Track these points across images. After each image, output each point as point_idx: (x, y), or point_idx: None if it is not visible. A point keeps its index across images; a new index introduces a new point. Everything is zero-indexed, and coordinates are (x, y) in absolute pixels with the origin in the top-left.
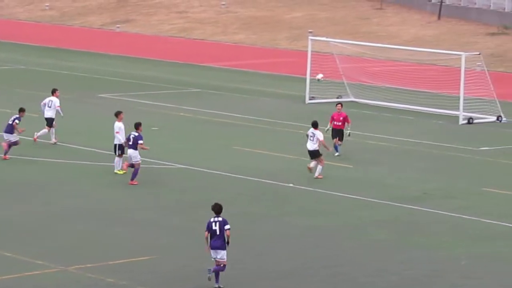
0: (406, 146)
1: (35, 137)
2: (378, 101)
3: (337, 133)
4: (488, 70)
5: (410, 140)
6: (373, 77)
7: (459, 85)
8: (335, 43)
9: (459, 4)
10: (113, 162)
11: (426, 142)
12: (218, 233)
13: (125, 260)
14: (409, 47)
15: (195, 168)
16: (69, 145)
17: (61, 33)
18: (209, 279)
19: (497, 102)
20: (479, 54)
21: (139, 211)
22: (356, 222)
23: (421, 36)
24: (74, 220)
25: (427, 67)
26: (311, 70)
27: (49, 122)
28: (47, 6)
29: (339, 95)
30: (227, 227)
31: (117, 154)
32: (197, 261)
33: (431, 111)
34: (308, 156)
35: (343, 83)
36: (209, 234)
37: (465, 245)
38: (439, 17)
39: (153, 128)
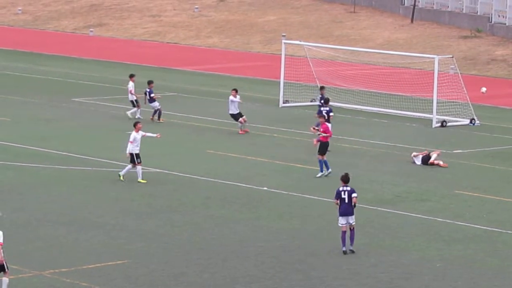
0: (380, 149)
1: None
2: (352, 104)
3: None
4: (461, 73)
5: (384, 143)
6: (346, 81)
7: (433, 88)
8: (309, 47)
9: (432, 8)
10: (124, 170)
11: (400, 145)
12: (347, 201)
13: (98, 265)
14: (382, 51)
15: (169, 172)
16: (41, 149)
17: (34, 37)
18: (345, 252)
19: (470, 105)
20: (452, 57)
21: (111, 215)
22: (329, 226)
23: (394, 40)
24: (47, 225)
25: (401, 70)
26: (284, 73)
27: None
28: (19, 10)
29: (313, 99)
30: (354, 195)
31: (136, 162)
32: (169, 265)
33: (405, 114)
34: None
35: (317, 86)
36: (338, 201)
37: (438, 247)
38: (412, 21)
39: (128, 133)
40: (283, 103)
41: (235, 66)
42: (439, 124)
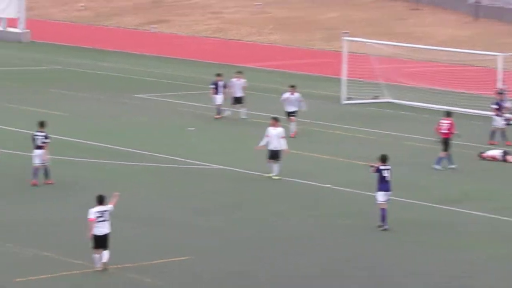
0: None
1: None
2: (414, 101)
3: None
4: None
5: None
6: (409, 78)
7: (496, 86)
8: (371, 44)
9: (496, 5)
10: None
11: (464, 143)
12: (388, 179)
13: (162, 261)
14: (445, 48)
15: (232, 169)
16: (105, 145)
17: (96, 34)
18: (385, 229)
19: None
20: None
21: (174, 212)
22: (392, 223)
23: (457, 37)
24: (112, 221)
25: (464, 67)
26: (347, 70)
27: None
28: (82, 6)
29: (375, 96)
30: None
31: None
32: (233, 262)
33: (469, 112)
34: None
35: (379, 84)
36: (378, 178)
37: (505, 246)
38: (475, 18)
39: (189, 129)
40: (346, 100)
41: (297, 63)
42: (505, 122)
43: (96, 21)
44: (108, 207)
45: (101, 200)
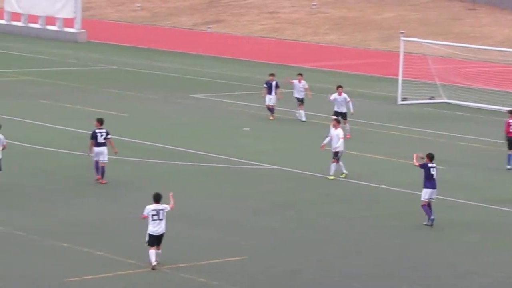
0: (499, 148)
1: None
2: (471, 102)
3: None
4: None
5: (504, 142)
6: (466, 78)
7: None
8: (428, 44)
9: None
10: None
11: None
12: (435, 176)
13: (215, 261)
14: (502, 48)
15: (285, 169)
16: (158, 144)
17: (152, 34)
18: (433, 221)
19: None
20: None
21: (227, 212)
22: (445, 224)
23: None
24: (166, 221)
25: None
26: (402, 70)
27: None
28: (138, 6)
29: (432, 96)
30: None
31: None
32: (286, 262)
33: None
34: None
35: (436, 84)
36: (424, 175)
37: None
38: None
39: (245, 129)
40: (401, 100)
41: (353, 63)
42: None
43: (152, 21)
44: (164, 206)
45: (157, 198)
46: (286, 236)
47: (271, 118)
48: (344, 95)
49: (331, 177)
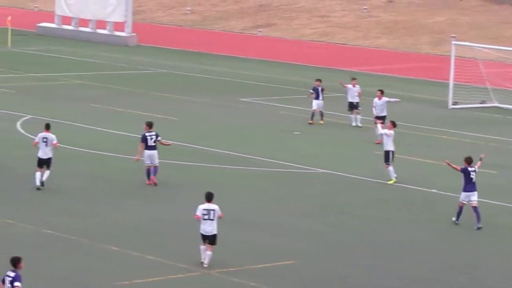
0: None
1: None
2: None
3: None
4: None
5: None
6: None
7: None
8: (479, 48)
9: None
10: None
11: None
12: (474, 180)
13: (266, 265)
14: None
15: (335, 173)
16: (208, 148)
17: (202, 37)
18: (457, 224)
19: None
20: None
21: (277, 215)
22: (496, 228)
23: None
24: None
25: None
26: (454, 75)
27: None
28: (188, 10)
29: (483, 100)
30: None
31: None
32: (335, 266)
33: None
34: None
35: (487, 88)
36: (464, 179)
37: None
38: None
39: (295, 133)
40: (452, 104)
41: (403, 67)
42: None
43: (202, 25)
44: (216, 207)
45: (209, 197)
46: (336, 240)
47: (321, 122)
48: (384, 99)
49: (391, 181)
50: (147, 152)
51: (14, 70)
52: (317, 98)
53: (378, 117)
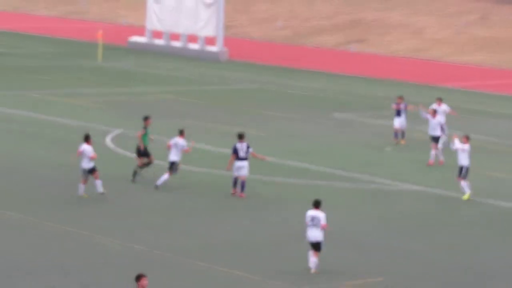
0: None
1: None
2: None
3: None
4: None
5: None
6: None
7: None
8: None
9: None
10: None
11: None
12: None
13: (355, 282)
14: None
15: (428, 190)
16: (300, 164)
17: (294, 53)
18: None
19: None
20: None
21: (370, 233)
22: None
23: None
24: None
25: None
26: None
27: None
28: (280, 25)
29: None
30: None
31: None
32: (428, 287)
33: None
34: None
35: None
36: None
37: None
38: None
39: (386, 149)
40: None
41: (497, 83)
42: None
43: (294, 40)
44: (321, 215)
45: (316, 204)
46: (430, 260)
47: (401, 142)
48: (438, 118)
49: (465, 197)
50: (237, 163)
51: (104, 84)
52: (398, 115)
53: (432, 137)
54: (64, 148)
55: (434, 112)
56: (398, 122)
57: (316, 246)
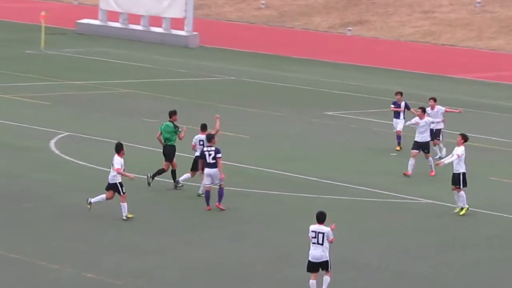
0: None
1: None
2: None
3: None
4: None
5: None
6: None
7: None
8: None
9: None
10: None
11: None
12: None
13: None
14: None
15: (442, 203)
16: (286, 173)
17: (279, 37)
18: None
19: None
20: None
21: (374, 253)
22: None
23: None
24: (293, 265)
25: None
26: None
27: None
28: (262, 4)
29: None
30: None
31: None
32: None
33: None
34: None
35: None
36: None
37: None
38: None
39: (391, 154)
40: None
41: None
42: None
43: (279, 22)
44: (327, 230)
45: (320, 218)
46: (442, 283)
47: (397, 148)
48: (427, 119)
49: (460, 210)
50: (207, 170)
51: (48, 77)
52: (397, 117)
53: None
54: None
55: (423, 112)
56: (396, 124)
57: (325, 266)
